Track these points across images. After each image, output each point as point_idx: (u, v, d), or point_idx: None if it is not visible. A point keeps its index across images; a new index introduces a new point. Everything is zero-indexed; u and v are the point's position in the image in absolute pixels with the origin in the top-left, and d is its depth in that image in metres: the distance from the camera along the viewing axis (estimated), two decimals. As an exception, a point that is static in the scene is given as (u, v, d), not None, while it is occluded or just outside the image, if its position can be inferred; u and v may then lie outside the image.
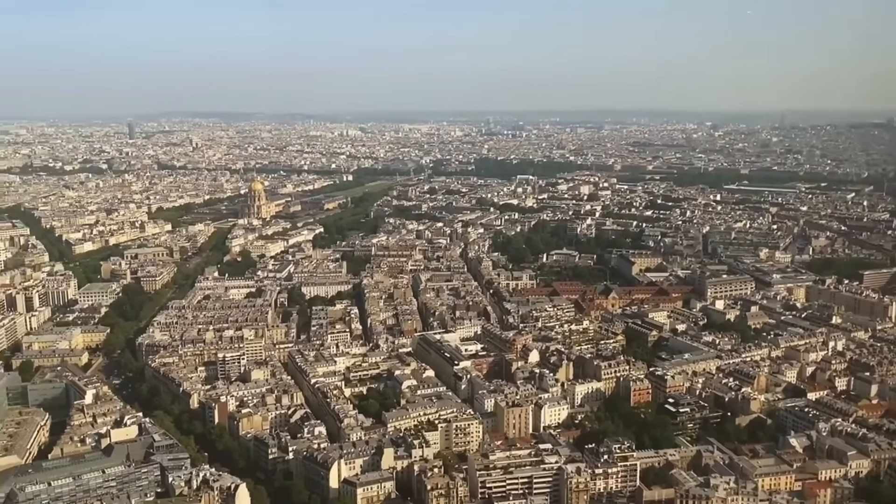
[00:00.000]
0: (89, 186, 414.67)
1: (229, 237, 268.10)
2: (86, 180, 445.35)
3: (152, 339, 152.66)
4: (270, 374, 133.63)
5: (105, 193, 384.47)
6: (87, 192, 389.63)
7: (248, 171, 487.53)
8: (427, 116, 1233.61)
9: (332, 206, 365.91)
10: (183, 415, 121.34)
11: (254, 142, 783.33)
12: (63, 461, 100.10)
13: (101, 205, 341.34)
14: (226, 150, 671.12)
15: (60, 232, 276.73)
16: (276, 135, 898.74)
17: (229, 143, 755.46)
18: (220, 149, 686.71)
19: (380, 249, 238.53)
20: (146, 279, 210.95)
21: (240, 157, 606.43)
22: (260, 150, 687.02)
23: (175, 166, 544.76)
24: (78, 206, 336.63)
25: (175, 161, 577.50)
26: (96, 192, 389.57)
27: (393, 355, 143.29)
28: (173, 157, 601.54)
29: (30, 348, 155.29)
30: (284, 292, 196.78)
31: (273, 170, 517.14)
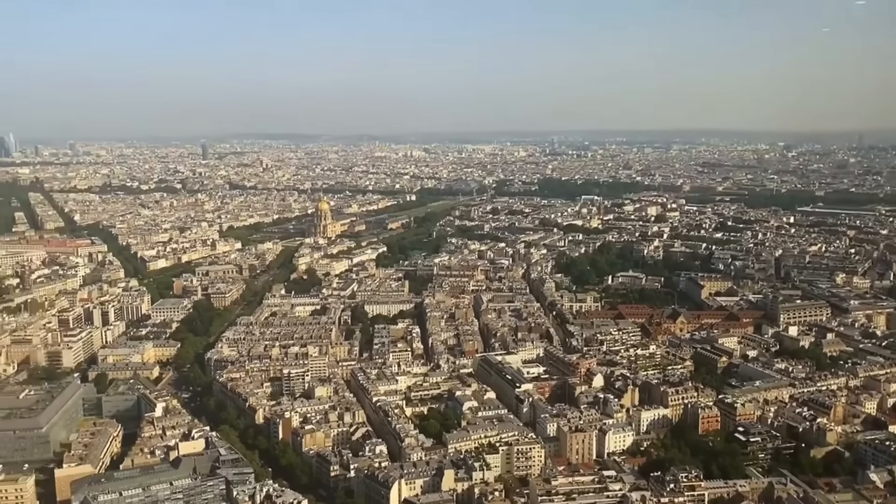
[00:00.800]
0: (164, 205, 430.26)
1: (296, 255, 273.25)
2: (161, 199, 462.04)
3: (220, 355, 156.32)
4: (333, 391, 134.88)
5: (179, 212, 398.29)
6: (161, 211, 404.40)
7: (315, 192, 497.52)
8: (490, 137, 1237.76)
9: (395, 225, 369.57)
10: (248, 429, 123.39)
11: (321, 163, 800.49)
12: (133, 472, 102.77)
13: (174, 223, 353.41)
14: (294, 171, 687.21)
15: (136, 249, 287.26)
16: (342, 156, 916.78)
17: (298, 164, 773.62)
18: (289, 169, 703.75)
19: (442, 269, 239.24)
20: (216, 296, 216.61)
21: (307, 178, 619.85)
22: (327, 171, 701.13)
23: (246, 186, 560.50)
24: (153, 225, 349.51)
25: (246, 181, 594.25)
26: (170, 211, 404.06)
27: (454, 376, 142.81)
28: (244, 178, 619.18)
29: (105, 361, 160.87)
30: (348, 310, 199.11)
31: (339, 190, 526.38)
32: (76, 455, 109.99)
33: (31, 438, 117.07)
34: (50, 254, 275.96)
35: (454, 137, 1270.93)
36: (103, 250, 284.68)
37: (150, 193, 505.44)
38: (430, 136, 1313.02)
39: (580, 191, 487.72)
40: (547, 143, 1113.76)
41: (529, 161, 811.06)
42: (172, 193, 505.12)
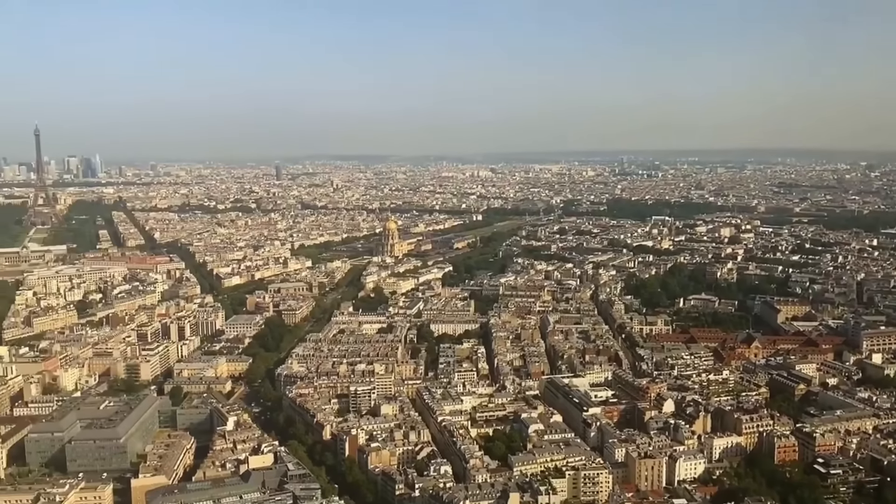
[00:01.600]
0: (239, 224, 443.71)
1: (364, 274, 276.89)
2: (236, 218, 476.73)
3: (290, 371, 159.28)
4: (399, 409, 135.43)
5: (253, 231, 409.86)
6: (236, 230, 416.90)
7: (383, 211, 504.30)
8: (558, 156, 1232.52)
9: (461, 245, 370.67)
10: (316, 445, 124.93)
11: (389, 183, 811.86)
12: (205, 484, 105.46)
13: (248, 241, 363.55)
14: (363, 191, 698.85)
15: (212, 266, 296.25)
16: (410, 176, 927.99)
17: (367, 184, 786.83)
18: (359, 190, 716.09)
19: (508, 289, 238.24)
20: (287, 312, 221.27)
21: (376, 198, 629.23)
22: (395, 191, 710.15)
23: (317, 206, 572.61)
24: (228, 243, 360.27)
25: (317, 201, 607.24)
26: (245, 230, 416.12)
27: (520, 397, 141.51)
28: (315, 198, 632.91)
29: (180, 375, 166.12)
30: (414, 329, 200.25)
31: (406, 210, 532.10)
32: (151, 466, 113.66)
33: (109, 448, 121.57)
34: (131, 270, 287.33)
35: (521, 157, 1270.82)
36: (181, 267, 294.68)
37: (226, 213, 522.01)
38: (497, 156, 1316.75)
39: (650, 211, 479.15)
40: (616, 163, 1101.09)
41: (598, 181, 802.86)
42: (247, 213, 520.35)
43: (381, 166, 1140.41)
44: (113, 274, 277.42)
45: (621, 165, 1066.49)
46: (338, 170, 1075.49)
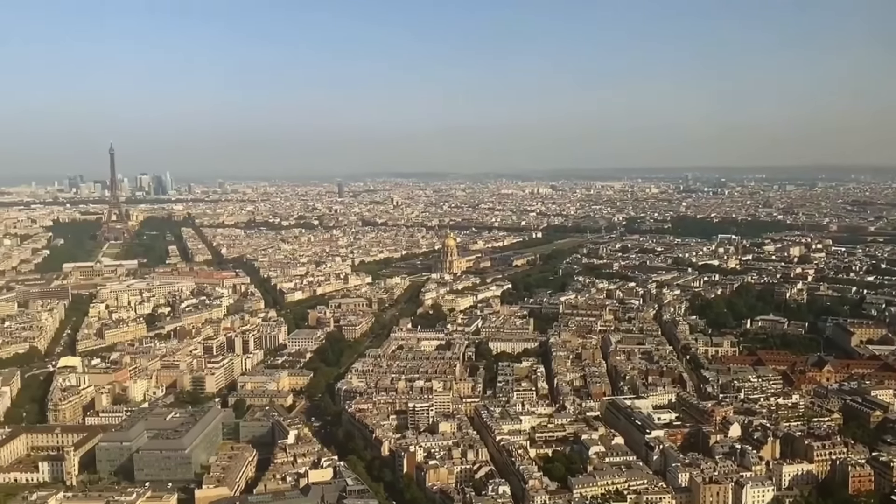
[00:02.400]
0: (302, 240, 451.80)
1: (423, 290, 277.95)
2: (299, 235, 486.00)
3: (350, 386, 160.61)
4: (457, 427, 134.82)
5: (315, 247, 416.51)
6: (299, 246, 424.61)
7: (442, 228, 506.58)
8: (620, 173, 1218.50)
9: (520, 262, 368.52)
10: (374, 461, 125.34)
11: (448, 200, 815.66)
12: (266, 497, 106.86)
13: (311, 257, 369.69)
14: (423, 208, 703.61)
15: (275, 281, 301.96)
16: (469, 193, 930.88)
17: (426, 202, 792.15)
18: (418, 207, 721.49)
19: (568, 308, 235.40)
20: (347, 328, 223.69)
21: (435, 215, 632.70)
22: (454, 208, 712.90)
23: (377, 223, 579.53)
24: (291, 259, 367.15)
25: (377, 218, 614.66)
26: (308, 246, 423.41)
27: (580, 418, 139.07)
28: (376, 215, 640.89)
29: (244, 388, 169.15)
30: (472, 346, 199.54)
31: (465, 227, 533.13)
32: (214, 477, 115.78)
33: (175, 459, 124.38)
34: (198, 284, 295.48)
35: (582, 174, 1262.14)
36: (246, 282, 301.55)
37: (289, 229, 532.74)
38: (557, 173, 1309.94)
39: (716, 229, 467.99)
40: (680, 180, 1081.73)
41: (662, 198, 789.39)
42: (310, 229, 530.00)
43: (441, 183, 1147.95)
44: (181, 288, 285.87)
45: (686, 182, 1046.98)
46: (398, 187, 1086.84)
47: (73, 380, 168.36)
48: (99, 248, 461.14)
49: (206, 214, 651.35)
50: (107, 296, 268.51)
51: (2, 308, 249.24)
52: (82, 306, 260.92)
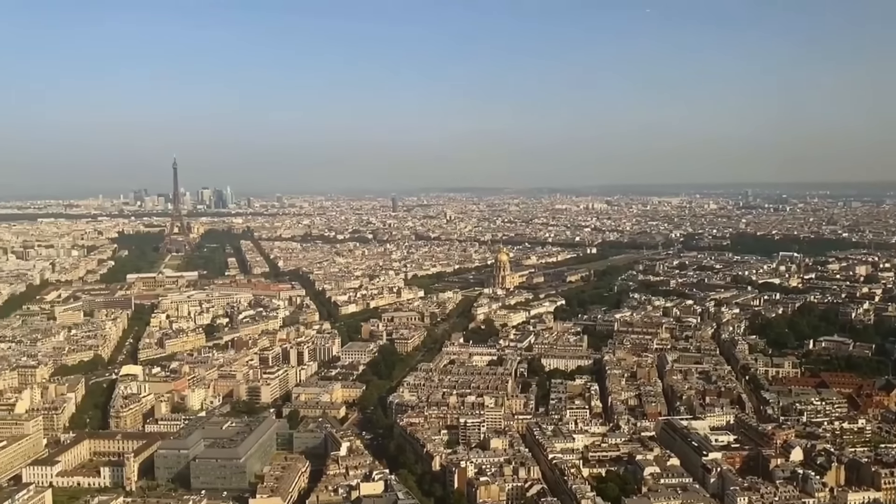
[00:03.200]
0: (356, 254, 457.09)
1: (475, 305, 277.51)
2: (353, 248, 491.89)
3: (401, 399, 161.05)
4: (509, 444, 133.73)
5: (369, 261, 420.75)
6: (354, 259, 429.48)
7: (495, 243, 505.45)
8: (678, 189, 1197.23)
9: (574, 278, 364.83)
10: (425, 475, 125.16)
11: (502, 215, 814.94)
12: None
13: (364, 271, 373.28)
14: (476, 223, 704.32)
15: (330, 294, 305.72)
16: (522, 208, 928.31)
17: (479, 216, 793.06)
18: (471, 221, 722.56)
19: (623, 325, 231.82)
20: (399, 341, 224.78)
21: (488, 230, 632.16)
22: (507, 223, 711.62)
23: (430, 237, 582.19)
24: (346, 272, 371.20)
25: (430, 232, 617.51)
26: (362, 260, 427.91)
27: (634, 438, 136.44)
28: (429, 229, 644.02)
29: (297, 399, 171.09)
30: (524, 362, 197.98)
31: (518, 241, 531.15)
32: (268, 487, 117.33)
33: (230, 468, 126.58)
34: (256, 296, 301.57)
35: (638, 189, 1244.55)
36: (301, 294, 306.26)
37: (344, 243, 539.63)
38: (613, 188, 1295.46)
39: (777, 247, 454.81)
40: (740, 196, 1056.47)
41: (720, 214, 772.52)
42: (364, 243, 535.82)
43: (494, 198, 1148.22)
44: (239, 299, 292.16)
45: (746, 198, 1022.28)
46: (451, 202, 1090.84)
47: (134, 388, 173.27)
48: (161, 260, 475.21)
49: (265, 228, 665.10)
50: (168, 306, 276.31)
51: (69, 317, 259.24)
52: (144, 316, 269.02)
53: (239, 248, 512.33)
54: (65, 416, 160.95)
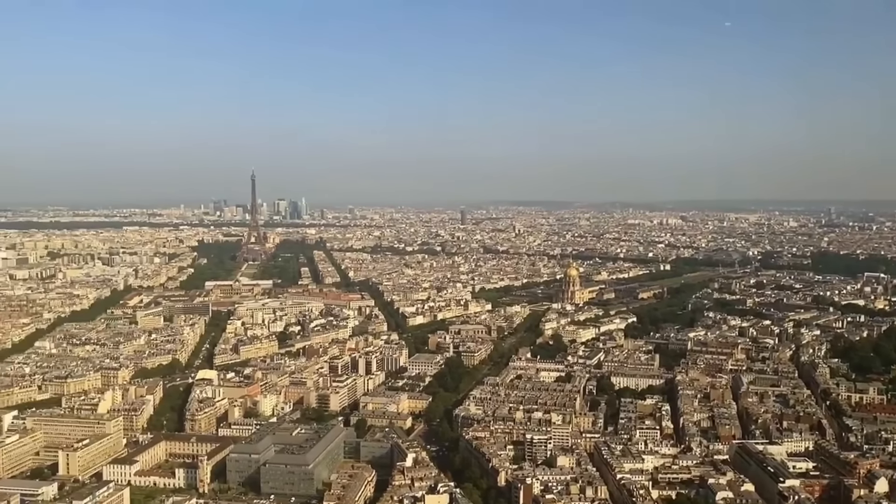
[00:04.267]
0: (424, 266, 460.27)
1: (543, 320, 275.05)
2: (422, 260, 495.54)
3: (467, 412, 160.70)
4: (576, 462, 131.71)
5: (437, 273, 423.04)
6: (422, 271, 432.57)
7: (565, 257, 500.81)
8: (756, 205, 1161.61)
9: (646, 295, 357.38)
10: (490, 490, 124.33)
11: (572, 229, 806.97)
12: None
13: (432, 283, 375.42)
14: (545, 237, 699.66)
15: (398, 305, 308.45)
16: (593, 222, 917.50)
17: (549, 230, 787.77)
18: (540, 235, 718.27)
19: (697, 344, 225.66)
20: (466, 354, 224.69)
21: (557, 244, 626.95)
22: (577, 237, 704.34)
23: (498, 250, 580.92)
24: (414, 283, 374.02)
25: (499, 245, 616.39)
26: (430, 271, 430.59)
27: (707, 461, 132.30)
28: (497, 242, 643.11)
29: (365, 408, 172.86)
30: (593, 380, 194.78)
31: (589, 256, 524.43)
32: (335, 495, 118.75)
33: (298, 474, 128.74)
34: (327, 305, 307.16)
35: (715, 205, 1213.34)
36: (370, 304, 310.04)
37: (413, 255, 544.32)
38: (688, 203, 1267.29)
39: (862, 267, 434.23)
40: (822, 214, 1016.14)
41: (801, 232, 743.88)
42: (432, 255, 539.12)
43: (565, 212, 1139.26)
44: (311, 308, 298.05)
45: (828, 216, 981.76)
46: (520, 215, 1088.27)
47: (209, 392, 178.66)
48: (238, 268, 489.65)
49: (337, 239, 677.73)
50: (243, 313, 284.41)
51: (150, 321, 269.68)
52: (221, 322, 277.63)
53: (311, 259, 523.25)
54: (143, 418, 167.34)
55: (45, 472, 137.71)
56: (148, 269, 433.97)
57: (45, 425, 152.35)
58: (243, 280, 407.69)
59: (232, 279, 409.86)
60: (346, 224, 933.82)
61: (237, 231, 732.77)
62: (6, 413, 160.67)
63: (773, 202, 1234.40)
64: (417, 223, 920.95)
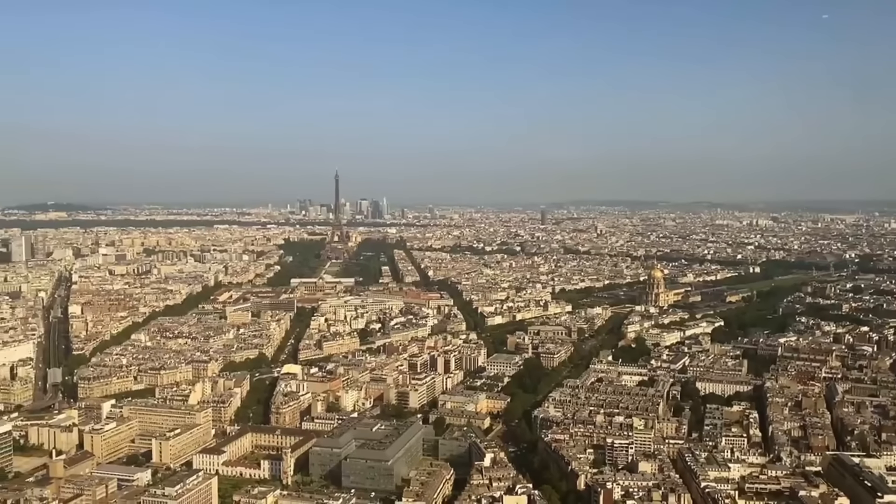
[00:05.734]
0: (504, 266, 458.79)
1: (625, 323, 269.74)
2: (501, 260, 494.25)
3: (546, 414, 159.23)
4: (658, 468, 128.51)
5: (516, 273, 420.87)
6: (501, 271, 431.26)
7: (649, 259, 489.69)
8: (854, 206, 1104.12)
9: (734, 298, 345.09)
10: (569, 494, 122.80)
11: (656, 230, 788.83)
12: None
13: (511, 283, 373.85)
14: (628, 238, 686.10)
15: (477, 304, 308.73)
16: (679, 223, 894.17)
17: (632, 231, 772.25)
18: (623, 236, 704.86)
19: (788, 350, 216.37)
20: (545, 355, 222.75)
21: (641, 245, 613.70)
22: (662, 238, 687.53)
23: (579, 251, 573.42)
24: (493, 283, 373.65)
25: (580, 246, 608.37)
26: (509, 272, 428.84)
27: (797, 472, 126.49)
28: (578, 243, 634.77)
29: (443, 406, 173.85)
30: (677, 385, 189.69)
31: (674, 258, 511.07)
32: (413, 491, 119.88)
33: (378, 469, 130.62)
34: (406, 304, 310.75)
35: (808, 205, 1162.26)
36: (449, 304, 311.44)
37: (492, 254, 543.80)
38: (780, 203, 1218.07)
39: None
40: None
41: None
42: (511, 255, 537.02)
43: (649, 212, 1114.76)
44: (391, 306, 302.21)
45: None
46: (602, 215, 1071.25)
47: (293, 386, 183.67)
48: (322, 266, 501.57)
49: (417, 238, 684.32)
50: (326, 310, 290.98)
51: (238, 316, 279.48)
52: (305, 318, 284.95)
53: (392, 257, 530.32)
54: (231, 410, 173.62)
55: (140, 458, 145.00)
56: (237, 266, 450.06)
57: (140, 414, 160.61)
58: (327, 278, 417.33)
59: (316, 277, 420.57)
60: (425, 224, 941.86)
61: (321, 230, 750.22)
62: (105, 402, 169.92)
63: (874, 202, 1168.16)
64: (497, 223, 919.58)
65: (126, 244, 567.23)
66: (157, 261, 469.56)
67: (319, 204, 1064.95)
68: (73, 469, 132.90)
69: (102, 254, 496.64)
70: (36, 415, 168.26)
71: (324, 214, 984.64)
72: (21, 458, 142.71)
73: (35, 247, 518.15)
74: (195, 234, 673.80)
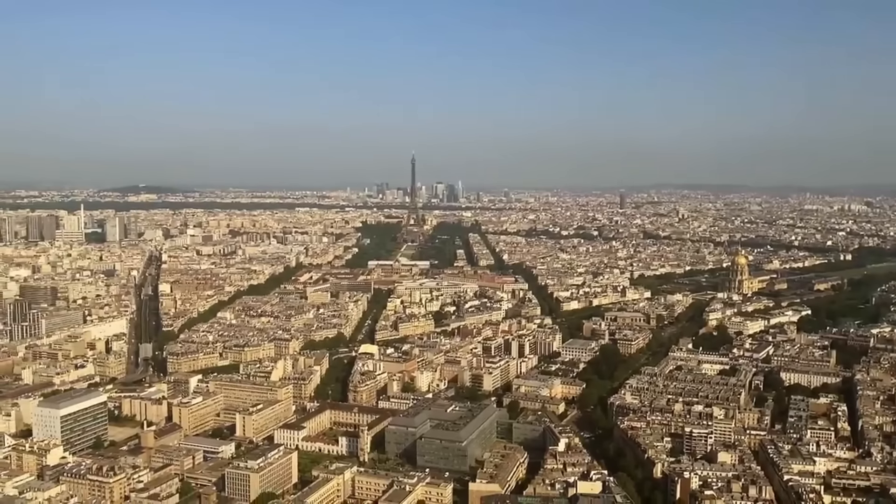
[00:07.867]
0: (580, 250, 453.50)
1: (707, 310, 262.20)
2: (577, 245, 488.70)
3: (623, 401, 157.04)
4: (738, 459, 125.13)
5: (593, 258, 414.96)
6: (577, 256, 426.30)
7: (732, 244, 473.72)
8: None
9: (823, 286, 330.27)
10: (645, 482, 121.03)
11: (741, 214, 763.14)
12: (535, 500, 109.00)
13: (588, 268, 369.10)
14: (711, 222, 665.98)
15: (552, 289, 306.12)
16: (765, 208, 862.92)
17: (715, 216, 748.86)
18: (706, 220, 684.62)
19: (881, 342, 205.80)
20: (622, 342, 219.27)
21: (725, 230, 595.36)
22: (746, 223, 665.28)
23: (660, 236, 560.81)
24: (569, 268, 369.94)
25: (660, 231, 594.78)
26: (585, 256, 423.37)
27: (889, 468, 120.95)
28: (659, 227, 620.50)
29: (517, 390, 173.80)
30: (760, 375, 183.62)
31: (759, 244, 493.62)
32: (487, 473, 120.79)
33: (452, 450, 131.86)
34: (481, 287, 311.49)
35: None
36: (524, 288, 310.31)
37: (568, 239, 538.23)
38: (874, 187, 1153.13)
39: None
40: None
41: None
42: (588, 240, 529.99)
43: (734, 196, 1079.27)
44: (466, 289, 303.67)
45: None
46: (684, 199, 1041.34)
47: (370, 365, 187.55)
48: (398, 249, 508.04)
49: (492, 222, 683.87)
50: (402, 292, 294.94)
51: (318, 297, 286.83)
52: (381, 300, 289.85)
53: (467, 241, 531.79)
54: (311, 387, 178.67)
55: (225, 431, 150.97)
56: (317, 247, 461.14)
57: (224, 389, 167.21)
58: (403, 260, 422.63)
59: (392, 259, 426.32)
60: (501, 207, 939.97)
61: (397, 213, 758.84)
62: (192, 376, 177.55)
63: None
64: (574, 207, 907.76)
65: (212, 226, 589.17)
66: (242, 242, 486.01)
67: (396, 188, 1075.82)
68: (163, 440, 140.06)
69: (190, 235, 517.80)
70: (128, 387, 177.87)
71: (400, 198, 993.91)
72: (115, 427, 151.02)
73: (128, 227, 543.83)
74: (278, 217, 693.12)
